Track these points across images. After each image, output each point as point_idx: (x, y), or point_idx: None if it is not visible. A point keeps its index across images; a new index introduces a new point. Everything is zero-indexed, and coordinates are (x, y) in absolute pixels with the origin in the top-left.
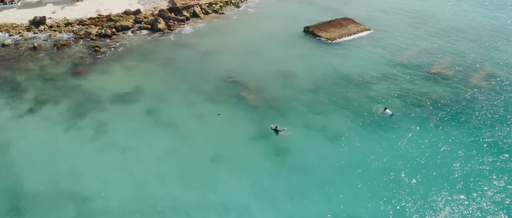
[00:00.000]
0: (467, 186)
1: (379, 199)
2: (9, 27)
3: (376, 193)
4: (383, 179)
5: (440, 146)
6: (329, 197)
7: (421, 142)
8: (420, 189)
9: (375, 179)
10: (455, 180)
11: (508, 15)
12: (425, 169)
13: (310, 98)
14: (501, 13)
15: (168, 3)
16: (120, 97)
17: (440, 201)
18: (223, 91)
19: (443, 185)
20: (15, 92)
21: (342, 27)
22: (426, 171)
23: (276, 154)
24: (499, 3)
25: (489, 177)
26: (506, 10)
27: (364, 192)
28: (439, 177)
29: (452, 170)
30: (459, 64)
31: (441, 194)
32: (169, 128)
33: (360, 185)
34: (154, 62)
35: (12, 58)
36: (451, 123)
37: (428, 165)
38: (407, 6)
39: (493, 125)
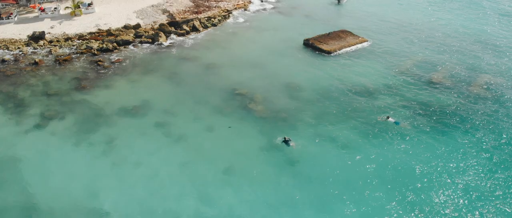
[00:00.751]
0: (483, 193)
1: (402, 208)
2: (7, 42)
3: (397, 203)
4: (401, 188)
5: (452, 155)
6: (349, 208)
7: (432, 150)
8: (440, 197)
9: (393, 188)
10: (475, 188)
11: (496, 27)
12: (442, 178)
13: (317, 109)
14: (490, 25)
15: (167, 17)
16: (128, 112)
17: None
18: (230, 103)
19: (462, 194)
20: (20, 107)
21: (341, 39)
22: (443, 180)
23: (289, 165)
24: (489, 16)
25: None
26: (495, 22)
27: (384, 202)
28: (457, 186)
29: (469, 178)
30: (457, 74)
31: (463, 204)
32: (180, 141)
33: (379, 195)
34: (158, 76)
35: (13, 73)
36: (459, 131)
37: (443, 174)
38: (399, 18)
39: (500, 132)
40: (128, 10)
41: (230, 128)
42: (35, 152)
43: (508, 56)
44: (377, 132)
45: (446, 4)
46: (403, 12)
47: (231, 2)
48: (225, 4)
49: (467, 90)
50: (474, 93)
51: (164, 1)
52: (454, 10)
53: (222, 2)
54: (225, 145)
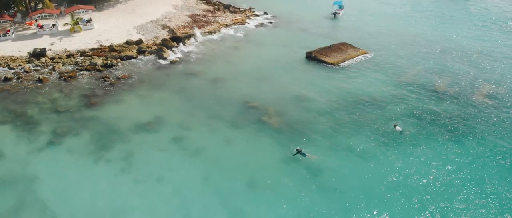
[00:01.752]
0: (502, 199)
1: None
2: (7, 60)
3: (421, 212)
4: (422, 197)
5: (465, 162)
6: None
7: (445, 158)
8: (461, 205)
9: (417, 198)
10: (496, 196)
11: (492, 37)
12: (458, 184)
13: (330, 120)
14: (486, 36)
15: (168, 32)
16: (142, 127)
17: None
18: (244, 116)
19: (483, 203)
20: (30, 125)
21: (342, 52)
22: (461, 187)
23: (311, 176)
24: (483, 27)
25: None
26: (490, 33)
27: (408, 210)
28: (475, 194)
29: (488, 187)
30: (459, 83)
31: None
32: (199, 155)
33: (404, 203)
34: (167, 91)
35: (18, 91)
36: (470, 138)
37: (459, 180)
38: (395, 30)
39: (510, 139)
40: (128, 26)
41: (248, 142)
42: (52, 170)
43: (506, 66)
44: (389, 141)
45: (437, 16)
46: (398, 24)
47: (228, 17)
48: (222, 19)
49: (472, 99)
50: (479, 101)
51: (162, 17)
52: (447, 23)
53: (219, 18)
54: (245, 158)
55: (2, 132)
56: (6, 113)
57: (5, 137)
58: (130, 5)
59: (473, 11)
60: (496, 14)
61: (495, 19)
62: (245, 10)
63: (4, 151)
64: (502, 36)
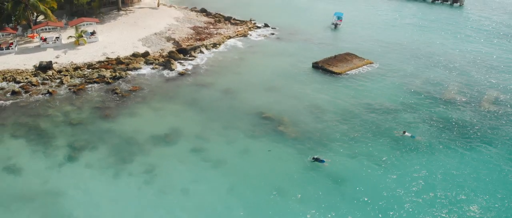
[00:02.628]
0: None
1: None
2: (13, 73)
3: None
4: (442, 201)
5: (481, 167)
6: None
7: (461, 163)
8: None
9: (444, 206)
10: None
11: (489, 46)
12: (477, 189)
13: (344, 128)
14: (483, 45)
15: (173, 44)
16: (160, 139)
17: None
18: (260, 127)
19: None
20: (45, 139)
21: (348, 62)
22: (481, 192)
23: (335, 183)
24: (480, 37)
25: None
26: (487, 42)
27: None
28: (496, 198)
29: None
30: (465, 91)
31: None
32: (220, 166)
33: (430, 210)
34: (179, 102)
35: (27, 105)
36: (483, 144)
37: (476, 185)
38: (395, 40)
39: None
40: (132, 38)
41: (269, 152)
42: (74, 185)
43: (505, 73)
44: (404, 148)
45: (433, 27)
46: (397, 35)
47: (230, 29)
48: (225, 31)
49: (480, 106)
50: (486, 108)
51: (166, 29)
52: (443, 33)
53: (221, 29)
54: (267, 168)
55: (17, 146)
56: (19, 126)
57: (21, 151)
58: (131, 17)
59: (467, 21)
60: (489, 24)
61: (489, 28)
62: (246, 22)
63: (21, 166)
64: (498, 45)
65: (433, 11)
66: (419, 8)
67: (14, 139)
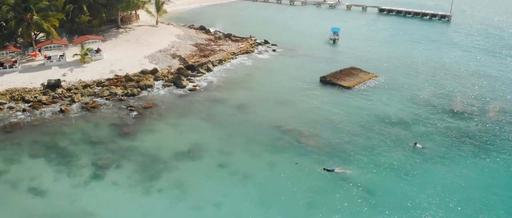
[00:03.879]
0: None
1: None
2: (21, 92)
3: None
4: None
5: (498, 175)
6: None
7: (478, 172)
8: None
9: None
10: None
11: (483, 59)
12: (497, 196)
13: (363, 140)
14: (477, 58)
15: (179, 61)
16: (183, 155)
17: None
18: (280, 140)
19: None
20: (66, 158)
21: (354, 76)
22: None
23: (366, 193)
24: (472, 50)
25: None
26: (480, 55)
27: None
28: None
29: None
30: (472, 102)
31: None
32: (249, 179)
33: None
34: (196, 118)
35: (42, 123)
36: (499, 153)
37: (496, 192)
38: (394, 54)
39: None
40: (138, 55)
41: (296, 164)
42: (104, 203)
43: (505, 84)
44: (420, 158)
45: (425, 41)
46: (394, 49)
47: (231, 46)
48: (226, 47)
49: (488, 116)
50: (494, 118)
51: (170, 46)
52: (436, 46)
53: (223, 46)
54: (295, 180)
55: (38, 166)
56: (37, 145)
57: (43, 171)
58: (132, 35)
59: (458, 35)
60: (478, 37)
61: (478, 41)
62: (247, 39)
63: (46, 186)
64: (490, 57)
65: (424, 26)
66: (409, 23)
67: (33, 159)
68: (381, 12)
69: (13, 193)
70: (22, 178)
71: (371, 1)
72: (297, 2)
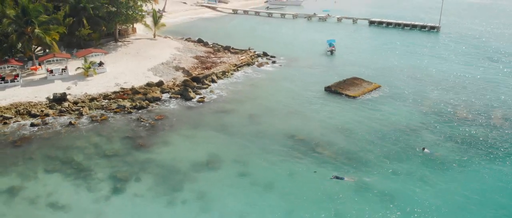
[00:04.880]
0: None
1: None
2: (26, 106)
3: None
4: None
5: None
6: None
7: (490, 177)
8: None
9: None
10: None
11: (478, 67)
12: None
13: (376, 148)
14: (471, 66)
15: (182, 73)
16: (202, 166)
17: None
18: (296, 149)
19: None
20: (83, 172)
21: (357, 86)
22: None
23: (384, 201)
24: (465, 58)
25: None
26: (475, 63)
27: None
28: None
29: None
30: (475, 109)
31: None
32: (271, 189)
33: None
34: (208, 129)
35: (52, 137)
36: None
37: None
38: (392, 64)
39: None
40: (141, 68)
41: (315, 173)
42: (129, 216)
43: (503, 90)
44: (435, 164)
45: (419, 50)
46: (390, 59)
47: (231, 58)
48: (227, 59)
49: (492, 123)
50: (499, 124)
51: (171, 59)
52: (432, 55)
53: (223, 58)
54: (317, 189)
55: (54, 181)
56: (50, 160)
57: (60, 187)
58: (131, 48)
59: (448, 45)
60: (467, 46)
61: (469, 51)
62: (246, 51)
63: (66, 201)
64: (485, 65)
65: (414, 36)
66: (400, 34)
67: (48, 174)
68: (371, 24)
69: (33, 210)
70: (40, 194)
71: (360, 13)
72: (288, 15)
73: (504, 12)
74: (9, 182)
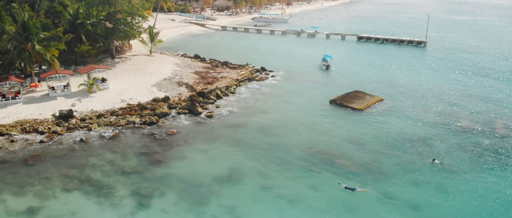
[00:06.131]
0: None
1: None
2: (32, 123)
3: None
4: None
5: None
6: None
7: (498, 184)
8: None
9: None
10: None
11: (468, 79)
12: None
13: (392, 159)
14: (464, 78)
15: (186, 88)
16: (224, 180)
17: None
18: (315, 161)
19: None
20: (103, 190)
21: (361, 99)
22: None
23: (413, 210)
24: (460, 71)
25: None
26: (465, 75)
27: None
28: None
29: None
30: (478, 120)
31: None
32: (297, 203)
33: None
34: (222, 143)
35: (65, 155)
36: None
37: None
38: (387, 78)
39: None
40: (145, 84)
41: (339, 184)
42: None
43: (499, 101)
44: (444, 172)
45: (410, 64)
46: (385, 73)
47: (231, 73)
48: (225, 74)
49: (497, 132)
50: (503, 133)
51: (173, 74)
52: (425, 69)
53: (222, 73)
54: (344, 201)
55: (75, 200)
56: (67, 178)
57: (83, 205)
58: (129, 64)
59: (437, 59)
60: (455, 60)
61: (457, 64)
62: (244, 66)
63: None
64: (474, 77)
65: (403, 51)
66: (388, 49)
67: (68, 192)
68: (359, 39)
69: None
70: (62, 214)
71: (346, 29)
72: (278, 32)
73: (483, 27)
74: (27, 202)
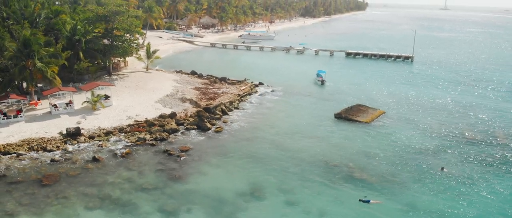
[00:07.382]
0: None
1: None
2: (39, 141)
3: None
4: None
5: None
6: None
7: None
8: None
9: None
10: None
11: (457, 92)
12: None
13: (406, 170)
14: (453, 91)
15: (190, 104)
16: (247, 195)
17: None
18: (335, 175)
19: None
20: (127, 207)
21: (364, 112)
22: None
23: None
24: (453, 83)
25: None
26: (453, 89)
27: None
28: None
29: None
30: (479, 130)
31: None
32: (324, 217)
33: None
34: (237, 158)
35: (79, 174)
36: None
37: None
38: (384, 92)
39: None
40: (149, 100)
41: (365, 197)
42: None
43: (494, 112)
44: (454, 181)
45: (402, 79)
46: (380, 87)
47: (230, 88)
48: (225, 89)
49: (499, 141)
50: (505, 142)
51: (175, 91)
52: (418, 82)
53: (222, 88)
54: (369, 214)
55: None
56: (87, 198)
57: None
58: (128, 81)
59: (428, 74)
60: (443, 74)
61: (447, 78)
62: (243, 82)
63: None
64: (461, 89)
65: (391, 66)
66: (377, 64)
67: (90, 211)
68: (348, 55)
69: None
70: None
71: (334, 46)
72: (267, 48)
73: (465, 43)
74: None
